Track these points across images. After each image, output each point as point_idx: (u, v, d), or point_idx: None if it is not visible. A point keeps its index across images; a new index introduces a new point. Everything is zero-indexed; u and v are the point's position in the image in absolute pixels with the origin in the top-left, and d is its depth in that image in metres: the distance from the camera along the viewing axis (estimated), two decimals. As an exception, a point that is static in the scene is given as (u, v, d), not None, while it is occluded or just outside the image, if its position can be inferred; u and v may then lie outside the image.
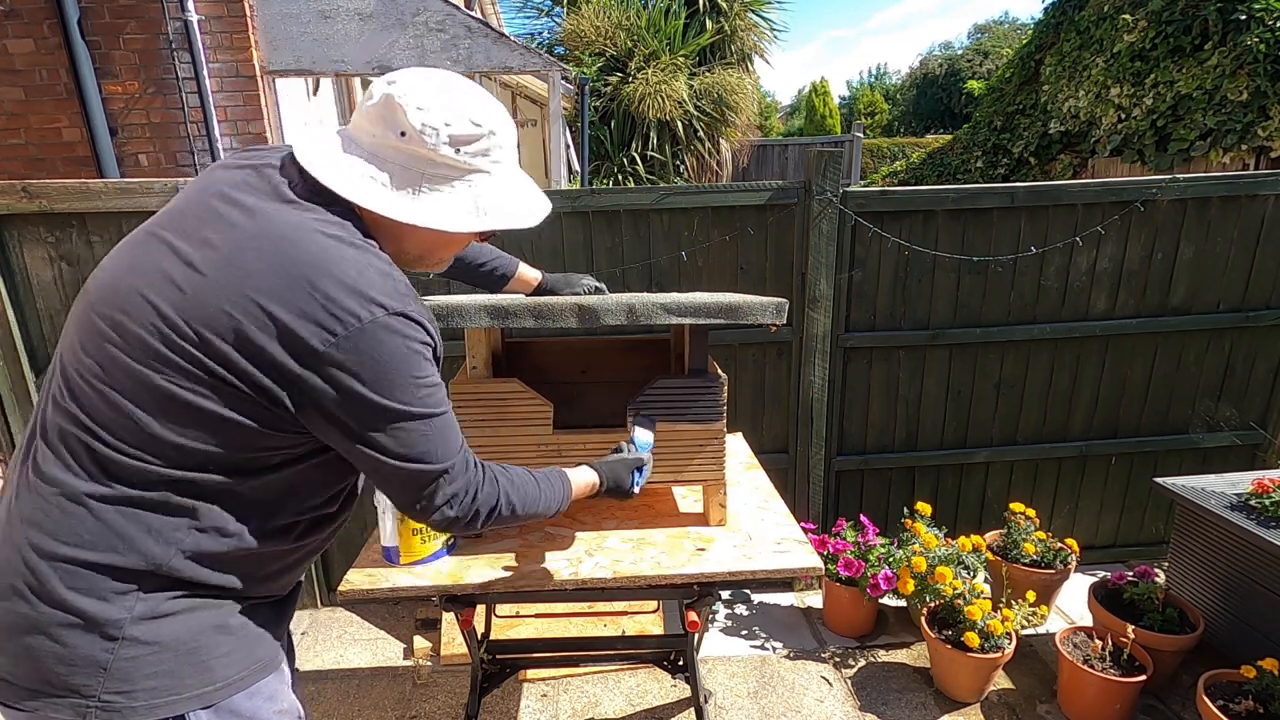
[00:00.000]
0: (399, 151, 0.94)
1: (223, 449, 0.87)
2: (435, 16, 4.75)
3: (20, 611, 0.84)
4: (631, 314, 1.47)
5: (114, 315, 0.87)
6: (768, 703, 2.34)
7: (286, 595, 1.06)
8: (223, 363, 0.84)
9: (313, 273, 0.84)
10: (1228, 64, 5.04)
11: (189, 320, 0.84)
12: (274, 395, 0.86)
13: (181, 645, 0.88)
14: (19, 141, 4.28)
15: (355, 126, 0.98)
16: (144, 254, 0.90)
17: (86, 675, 0.84)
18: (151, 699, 0.86)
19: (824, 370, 2.72)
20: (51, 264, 2.47)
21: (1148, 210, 2.66)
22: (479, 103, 0.97)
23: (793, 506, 2.68)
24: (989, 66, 21.79)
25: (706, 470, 1.69)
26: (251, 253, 0.85)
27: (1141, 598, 2.35)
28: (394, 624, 2.77)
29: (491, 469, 1.09)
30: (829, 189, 2.54)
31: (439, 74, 0.98)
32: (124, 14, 4.21)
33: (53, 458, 0.87)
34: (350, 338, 0.84)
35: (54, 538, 0.85)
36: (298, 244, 0.86)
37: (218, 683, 0.91)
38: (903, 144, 15.02)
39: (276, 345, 0.83)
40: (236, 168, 0.95)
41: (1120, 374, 2.88)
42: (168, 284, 0.86)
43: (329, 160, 0.93)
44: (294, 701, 1.04)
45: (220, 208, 0.90)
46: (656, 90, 8.15)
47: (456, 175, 0.98)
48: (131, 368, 0.85)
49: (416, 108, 0.92)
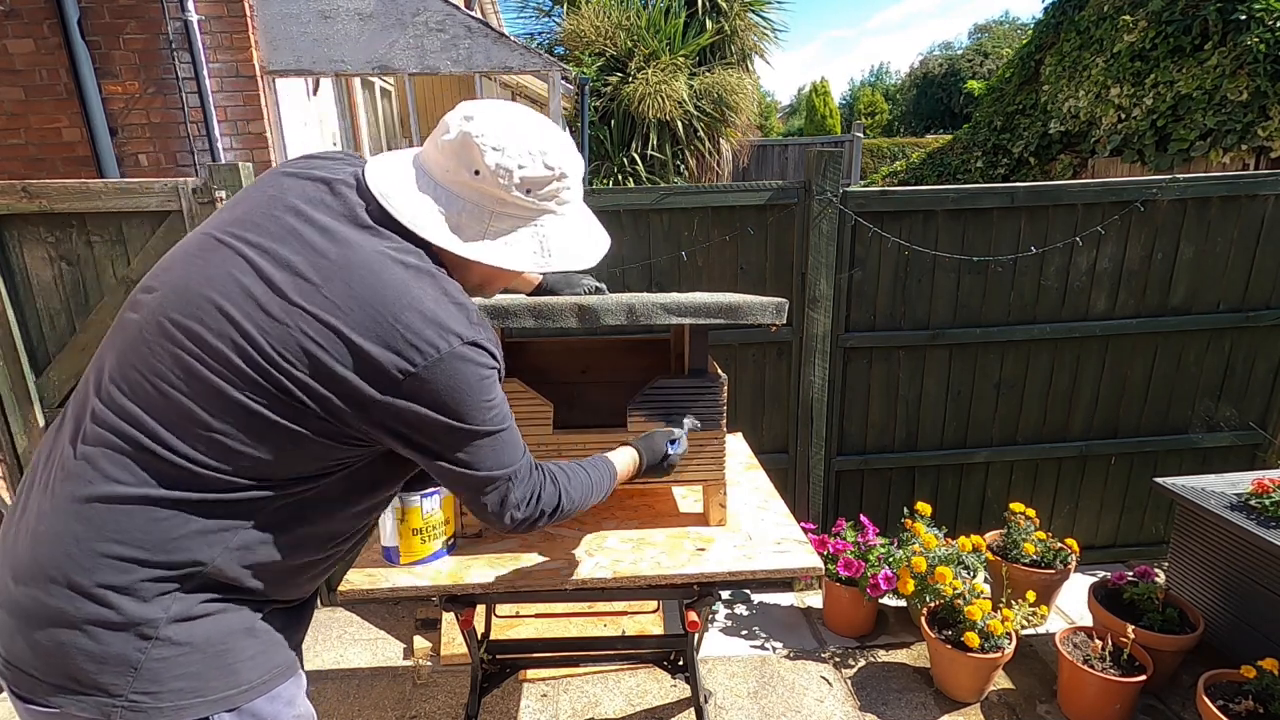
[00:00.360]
0: (471, 189, 0.96)
1: (287, 461, 0.89)
2: (435, 16, 4.75)
3: (55, 604, 0.84)
4: (631, 314, 1.47)
5: (189, 324, 0.87)
6: (768, 703, 2.34)
7: (307, 600, 1.07)
8: (300, 386, 0.85)
9: (394, 304, 0.87)
10: (1228, 64, 5.03)
11: (271, 342, 0.85)
12: (349, 418, 0.88)
13: (211, 647, 0.89)
14: (19, 141, 4.28)
15: (428, 156, 0.98)
16: (219, 262, 0.89)
17: (116, 674, 0.84)
18: (178, 700, 0.86)
19: (824, 370, 2.72)
20: (51, 264, 2.47)
21: (1148, 210, 2.66)
22: (553, 144, 0.99)
23: (793, 506, 2.68)
24: (989, 66, 21.80)
25: (706, 470, 1.69)
26: (336, 282, 0.87)
27: (1141, 598, 2.35)
28: (394, 624, 2.77)
29: (548, 468, 1.14)
30: (829, 189, 2.54)
31: (516, 112, 0.99)
32: (124, 14, 4.20)
33: (110, 454, 0.86)
34: (429, 367, 0.88)
35: (102, 533, 0.84)
36: (379, 274, 0.88)
37: (241, 685, 0.91)
38: (903, 144, 15.02)
39: (356, 375, 0.86)
40: (308, 179, 0.95)
41: (1120, 374, 2.88)
42: (248, 300, 0.86)
43: (403, 194, 0.94)
44: (309, 707, 1.04)
45: (298, 225, 0.90)
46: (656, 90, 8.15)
47: (526, 216, 1.00)
48: (207, 378, 0.85)
49: (493, 148, 0.94)
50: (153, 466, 0.85)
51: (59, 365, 2.55)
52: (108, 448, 0.86)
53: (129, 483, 0.85)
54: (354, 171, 0.97)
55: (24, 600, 0.85)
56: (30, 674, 0.85)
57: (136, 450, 0.85)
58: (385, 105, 8.38)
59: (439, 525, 1.57)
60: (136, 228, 2.46)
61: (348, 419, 0.88)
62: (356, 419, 0.89)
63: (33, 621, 0.85)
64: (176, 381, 0.86)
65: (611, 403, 1.91)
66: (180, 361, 0.86)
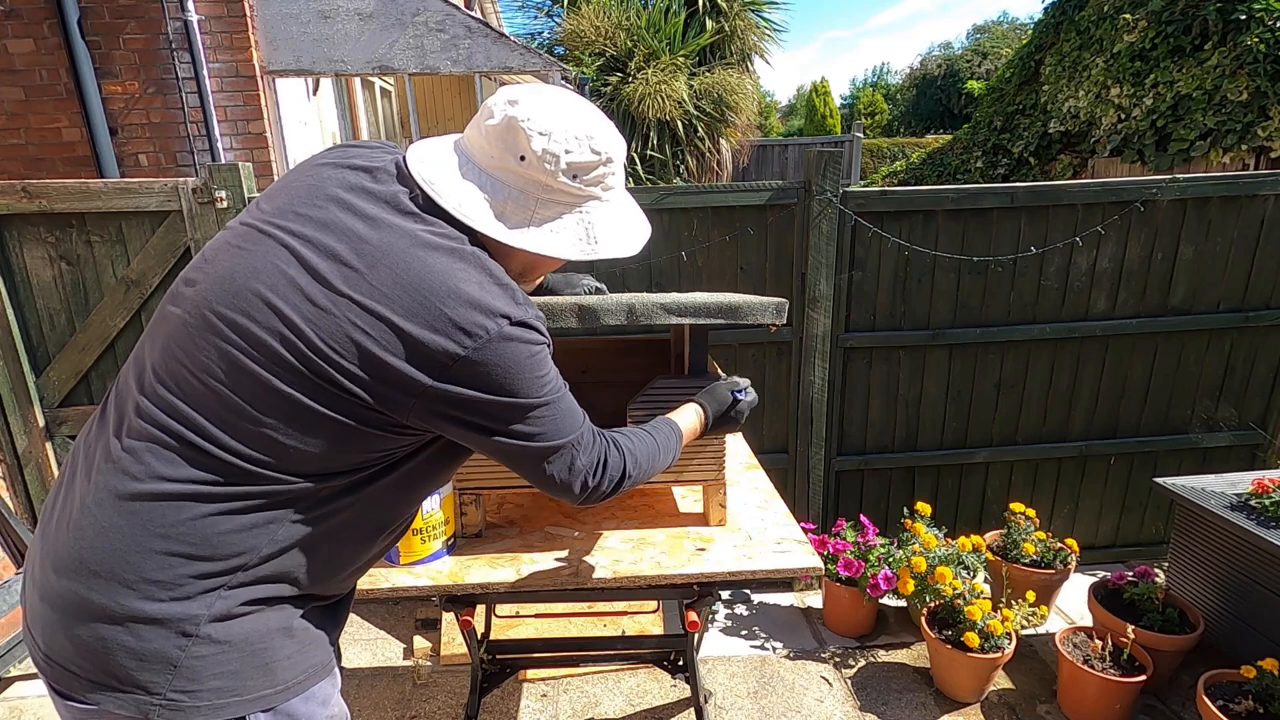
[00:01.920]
0: (516, 175, 0.94)
1: (335, 453, 0.88)
2: (435, 16, 4.75)
3: (99, 600, 0.83)
4: (631, 314, 1.47)
5: (235, 317, 0.86)
6: (768, 703, 2.34)
7: (345, 597, 1.06)
8: (349, 376, 0.85)
9: (440, 288, 0.86)
10: (1228, 64, 5.03)
11: (318, 333, 0.84)
12: (400, 407, 0.87)
13: (249, 646, 0.88)
14: (19, 141, 4.28)
15: (471, 141, 0.97)
16: (262, 254, 0.88)
17: (156, 672, 0.83)
18: (215, 699, 0.86)
19: (824, 370, 2.72)
20: (51, 264, 2.47)
21: (1148, 210, 2.66)
22: (599, 128, 0.97)
23: (793, 506, 2.68)
24: (988, 67, 21.81)
25: (706, 470, 1.69)
26: (381, 269, 0.86)
27: (1141, 598, 2.35)
28: (394, 624, 2.77)
29: (611, 435, 1.12)
30: (829, 189, 2.54)
31: (561, 96, 0.97)
32: (124, 14, 4.20)
33: (155, 449, 0.85)
34: (479, 349, 0.87)
35: (147, 529, 0.83)
36: (424, 260, 0.87)
37: (278, 685, 0.90)
38: (903, 144, 15.02)
39: (406, 362, 0.85)
40: (348, 168, 0.94)
41: (1120, 374, 2.88)
42: (295, 292, 0.85)
43: (448, 181, 0.93)
44: (343, 706, 1.03)
45: (340, 214, 0.89)
46: (656, 90, 8.15)
47: (571, 203, 0.98)
48: (254, 371, 0.85)
49: (540, 133, 0.92)
50: (199, 461, 0.85)
51: (59, 365, 2.55)
52: (153, 443, 0.85)
53: (175, 478, 0.84)
54: (394, 159, 0.96)
55: (66, 594, 0.85)
56: (71, 670, 0.85)
57: (182, 446, 0.85)
58: (385, 105, 8.38)
59: (439, 525, 1.57)
60: (136, 228, 2.46)
61: (398, 408, 0.87)
62: (408, 408, 0.88)
63: (75, 616, 0.84)
64: (222, 375, 0.85)
65: (611, 403, 1.90)
66: (226, 355, 0.85)
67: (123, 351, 2.57)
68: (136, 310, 2.51)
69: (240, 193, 2.42)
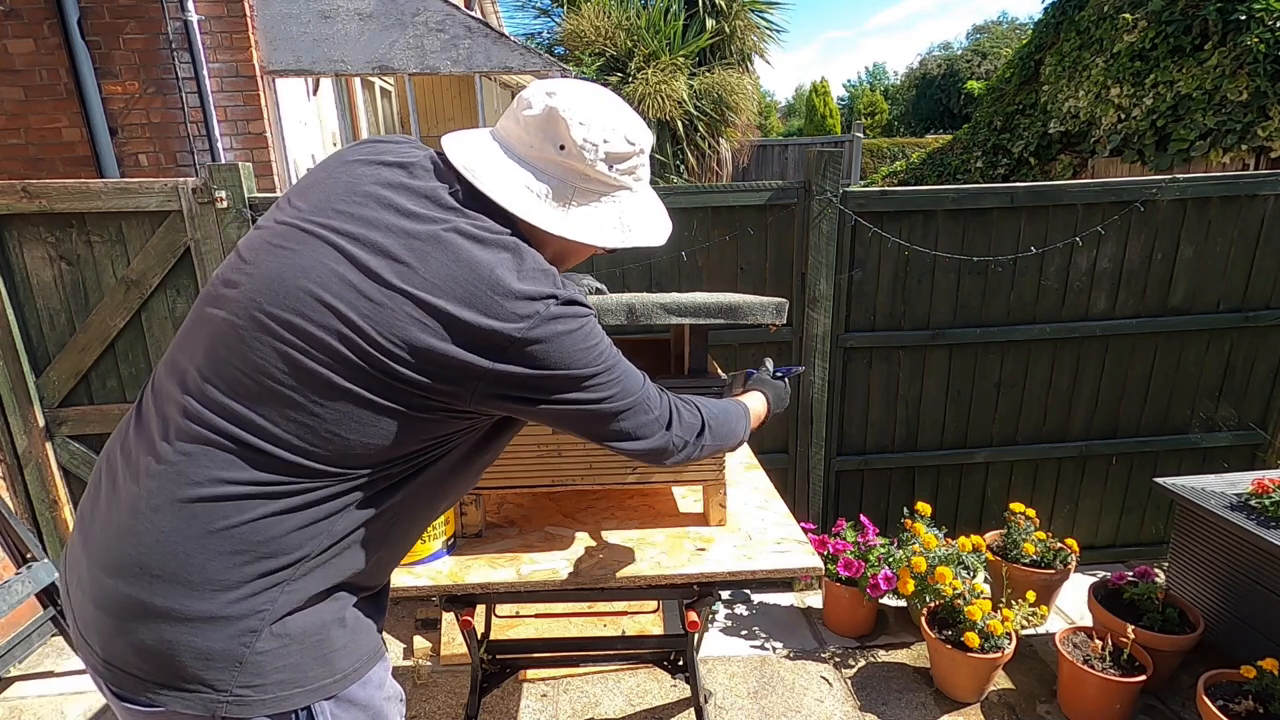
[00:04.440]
0: (556, 165, 0.97)
1: (395, 443, 0.90)
2: (435, 16, 4.75)
3: (163, 603, 0.83)
4: (631, 314, 1.47)
5: (289, 318, 0.86)
6: (768, 703, 2.34)
7: (385, 587, 1.08)
8: (411, 368, 0.86)
9: (490, 278, 0.89)
10: (1228, 64, 5.03)
11: (377, 328, 0.85)
12: (461, 391, 0.90)
13: (308, 639, 0.89)
14: (19, 141, 4.28)
15: (508, 132, 0.99)
16: (309, 253, 0.89)
17: (222, 669, 0.84)
18: (279, 691, 0.87)
19: (824, 370, 2.72)
20: (51, 264, 2.47)
21: (1148, 210, 2.66)
22: (632, 120, 1.01)
23: (793, 506, 2.68)
24: (987, 67, 21.81)
25: (706, 470, 1.69)
26: (430, 261, 0.88)
27: (1141, 598, 2.35)
28: (394, 624, 2.77)
29: (676, 397, 1.16)
30: (829, 189, 2.54)
31: (596, 89, 1.01)
32: (124, 14, 4.21)
33: (211, 451, 0.85)
34: (532, 329, 0.89)
35: (209, 530, 0.84)
36: (470, 250, 0.90)
37: (337, 674, 0.92)
38: (903, 144, 15.02)
39: (464, 349, 0.87)
40: (382, 164, 0.95)
41: (1120, 374, 2.88)
42: (349, 289, 0.87)
43: (489, 170, 0.96)
44: (396, 687, 1.06)
45: (382, 212, 0.91)
46: (656, 90, 8.15)
47: (605, 191, 1.02)
48: (313, 369, 0.86)
49: (579, 122, 0.95)
50: (258, 462, 0.85)
51: (59, 365, 2.55)
52: (208, 445, 0.86)
53: (235, 480, 0.85)
54: (428, 155, 0.98)
55: (124, 598, 0.85)
56: (133, 674, 0.85)
57: (240, 447, 0.85)
58: (385, 105, 8.38)
59: (439, 525, 1.57)
60: (136, 228, 2.46)
61: (460, 394, 0.90)
62: (469, 392, 0.90)
63: (138, 620, 0.84)
64: (280, 375, 0.86)
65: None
66: (283, 355, 0.86)
67: (123, 351, 2.57)
68: (136, 310, 2.51)
69: (240, 193, 2.42)
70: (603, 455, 1.66)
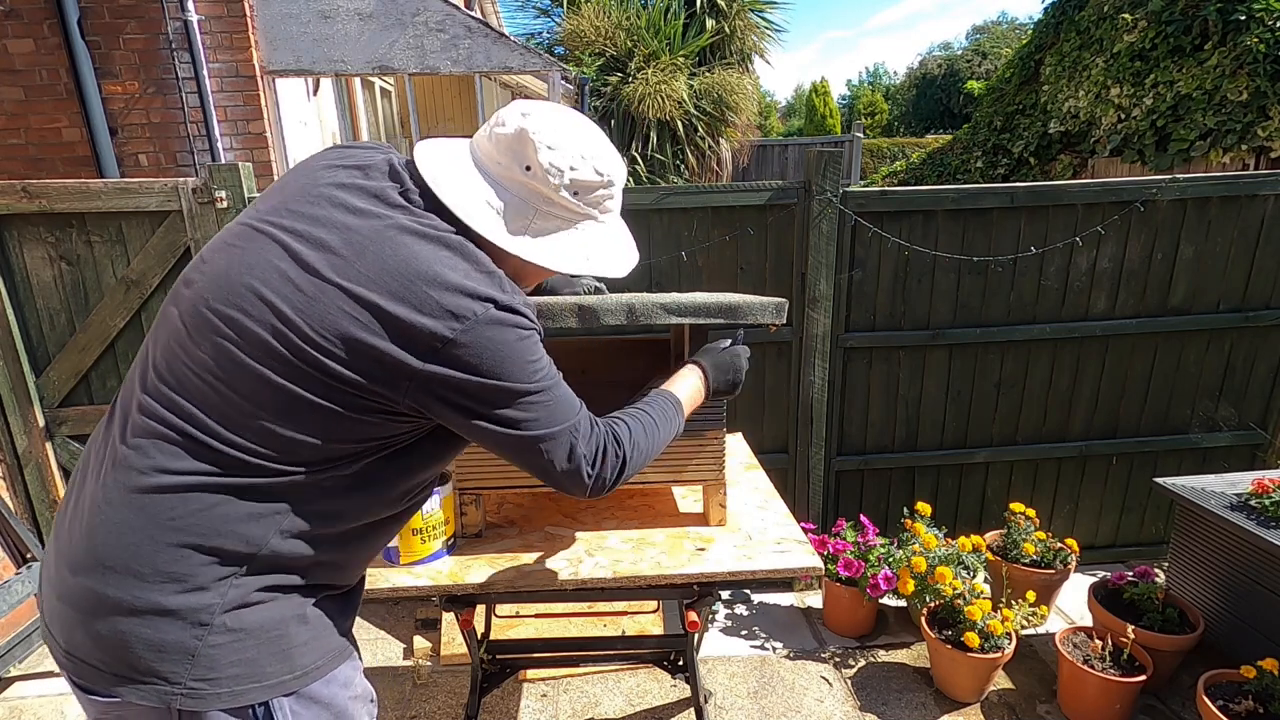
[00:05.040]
0: (519, 184, 0.97)
1: (334, 442, 0.90)
2: (435, 16, 4.75)
3: (115, 594, 0.85)
4: (631, 314, 1.47)
5: (230, 312, 0.87)
6: (768, 703, 2.34)
7: (355, 586, 1.08)
8: (341, 363, 0.86)
9: (427, 273, 0.88)
10: (1228, 64, 5.03)
11: (309, 322, 0.86)
12: (394, 391, 0.89)
13: (265, 633, 0.90)
14: (19, 141, 4.28)
15: (480, 146, 0.99)
16: (256, 250, 0.90)
17: (175, 662, 0.85)
18: (235, 685, 0.88)
19: (824, 370, 2.72)
20: (51, 264, 2.47)
21: (1148, 210, 2.66)
22: (604, 151, 1.01)
23: (793, 506, 2.67)
24: (987, 67, 21.81)
25: (706, 470, 1.69)
26: (368, 255, 0.88)
27: (1141, 598, 2.35)
28: (394, 624, 2.77)
29: (609, 423, 1.10)
30: (829, 189, 2.54)
31: (572, 116, 1.00)
32: (124, 14, 4.21)
33: (160, 444, 0.87)
34: (467, 331, 0.88)
35: (157, 522, 0.85)
36: (410, 246, 0.89)
37: (297, 671, 0.92)
38: (903, 144, 15.02)
39: (394, 345, 0.87)
40: (341, 167, 0.96)
41: (1120, 374, 2.88)
42: (286, 283, 0.87)
43: (453, 182, 0.95)
44: (367, 686, 1.06)
45: (331, 210, 0.91)
46: (656, 90, 8.15)
47: (569, 219, 1.01)
48: (250, 365, 0.86)
49: (548, 146, 0.95)
50: (202, 454, 0.87)
51: (59, 365, 2.55)
52: (158, 438, 0.87)
53: (180, 471, 0.86)
54: (387, 158, 0.98)
55: (83, 591, 0.87)
56: (93, 665, 0.87)
57: (185, 440, 0.87)
58: (385, 105, 8.38)
59: (439, 525, 1.57)
60: (136, 228, 2.46)
61: (392, 393, 0.89)
62: (401, 391, 0.89)
63: (93, 612, 0.86)
64: (219, 371, 0.87)
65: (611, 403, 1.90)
66: (223, 350, 0.87)
67: (123, 351, 2.57)
68: (136, 310, 2.51)
69: (240, 193, 2.42)
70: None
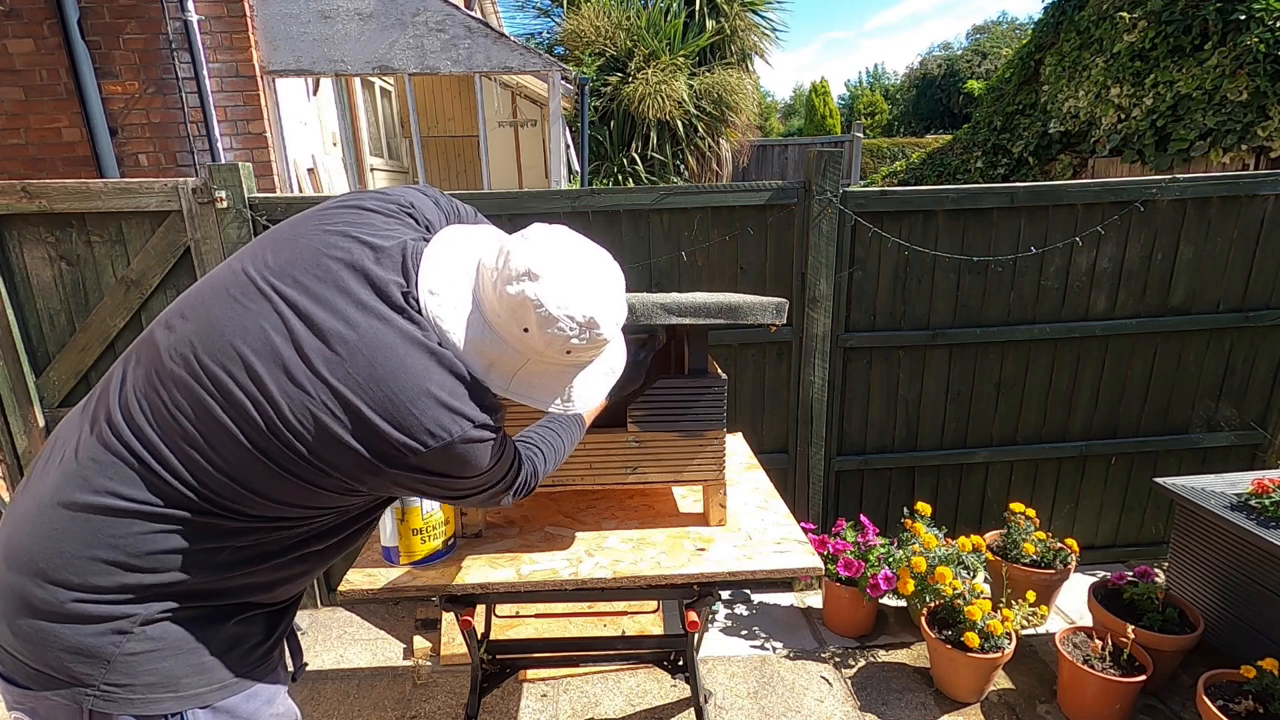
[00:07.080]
0: (517, 339, 0.96)
1: (289, 505, 0.93)
2: (435, 16, 4.75)
3: (42, 596, 0.87)
4: (631, 314, 1.47)
5: (216, 371, 0.89)
6: (768, 703, 2.34)
7: (287, 603, 1.09)
8: (311, 450, 0.89)
9: (413, 389, 0.90)
10: (1228, 64, 5.03)
11: (291, 407, 0.88)
12: (357, 481, 0.93)
13: (184, 645, 0.92)
14: (19, 141, 4.29)
15: (484, 289, 0.96)
16: (255, 316, 0.90)
17: (90, 665, 0.88)
18: (149, 694, 0.90)
19: (824, 370, 2.72)
20: (51, 264, 2.47)
21: (1148, 210, 2.66)
22: (608, 312, 0.97)
23: (793, 506, 2.68)
24: (987, 67, 21.81)
25: (706, 470, 1.69)
26: (359, 359, 0.89)
27: (1141, 598, 2.35)
28: (394, 624, 2.77)
29: (527, 452, 1.21)
30: (829, 189, 2.54)
31: (582, 270, 0.96)
32: (124, 14, 4.21)
33: (118, 465, 0.89)
34: (440, 449, 0.92)
35: (97, 538, 0.87)
36: (402, 358, 0.90)
37: (214, 684, 0.94)
38: (903, 144, 15.00)
39: (365, 449, 0.89)
40: (357, 240, 0.94)
41: (1120, 374, 2.88)
42: (277, 364, 0.88)
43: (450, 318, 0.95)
44: (291, 706, 1.07)
45: (335, 298, 0.91)
46: (656, 90, 8.15)
47: (558, 369, 1.02)
48: (224, 423, 0.88)
49: (549, 316, 0.93)
50: (155, 487, 0.89)
51: (59, 365, 2.55)
52: (120, 461, 0.89)
53: (129, 497, 0.88)
54: (401, 244, 0.95)
55: (13, 586, 0.89)
56: (14, 655, 0.90)
57: (144, 470, 0.89)
58: (385, 105, 8.38)
59: (439, 525, 1.57)
60: (136, 228, 2.46)
61: (354, 481, 0.92)
62: (363, 482, 0.93)
63: (17, 609, 0.88)
64: (194, 417, 0.89)
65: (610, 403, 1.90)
66: (201, 401, 0.89)
67: (122, 352, 2.57)
68: (136, 310, 2.51)
69: (240, 193, 2.42)
70: (603, 455, 1.66)
